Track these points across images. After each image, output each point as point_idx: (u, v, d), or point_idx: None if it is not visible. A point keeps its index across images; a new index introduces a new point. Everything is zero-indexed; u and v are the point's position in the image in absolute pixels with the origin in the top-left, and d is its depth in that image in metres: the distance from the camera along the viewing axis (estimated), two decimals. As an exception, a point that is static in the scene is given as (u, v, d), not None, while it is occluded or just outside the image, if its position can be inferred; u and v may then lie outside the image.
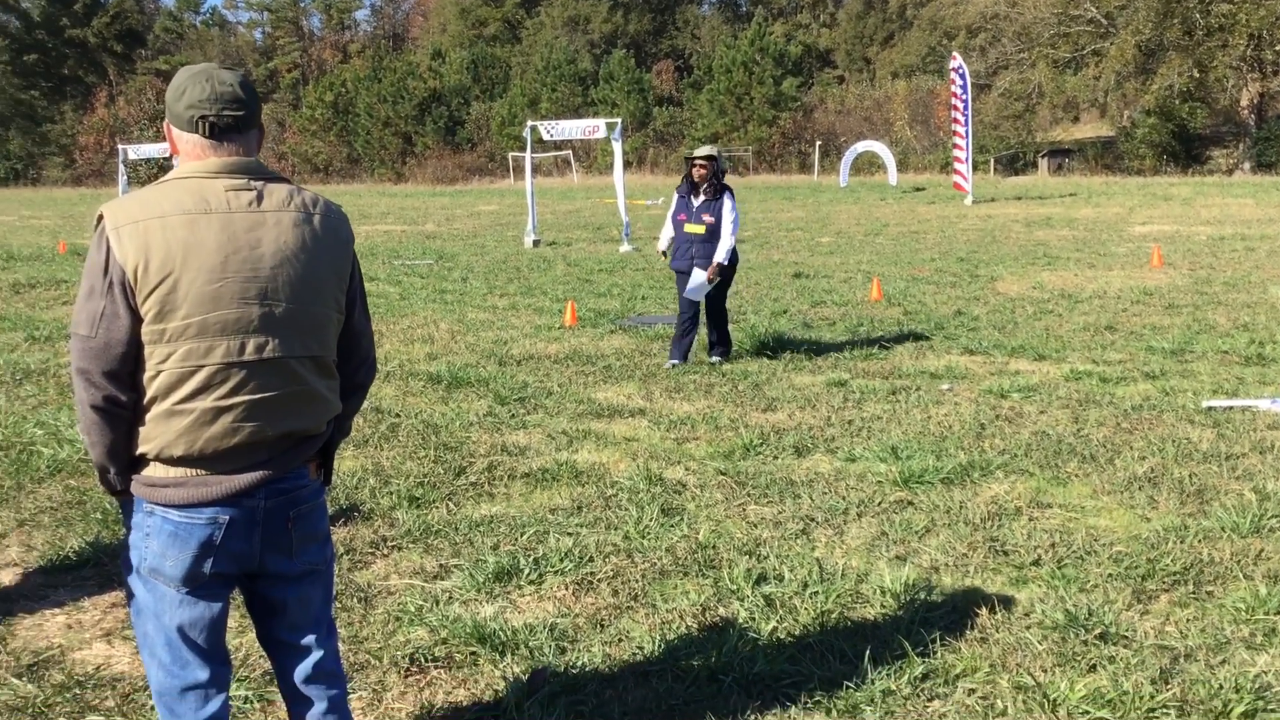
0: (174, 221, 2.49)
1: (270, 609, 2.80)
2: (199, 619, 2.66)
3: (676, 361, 9.42)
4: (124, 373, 2.51)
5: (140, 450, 2.57)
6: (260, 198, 2.60)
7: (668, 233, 9.77)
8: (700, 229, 9.29)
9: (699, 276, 9.25)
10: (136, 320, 2.49)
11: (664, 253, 9.85)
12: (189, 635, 2.66)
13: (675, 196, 9.58)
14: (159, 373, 2.51)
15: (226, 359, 2.53)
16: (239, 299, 2.53)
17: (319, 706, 2.85)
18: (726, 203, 9.28)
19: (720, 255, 9.22)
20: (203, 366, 2.51)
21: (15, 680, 3.92)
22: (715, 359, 9.56)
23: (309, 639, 2.83)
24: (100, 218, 2.51)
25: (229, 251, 2.51)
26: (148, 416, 2.54)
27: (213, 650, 2.71)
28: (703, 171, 9.30)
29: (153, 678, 2.71)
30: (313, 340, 2.66)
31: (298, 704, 2.86)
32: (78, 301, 2.53)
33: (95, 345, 2.48)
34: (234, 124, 2.60)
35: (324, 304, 2.67)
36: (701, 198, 9.33)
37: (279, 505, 2.66)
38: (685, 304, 9.42)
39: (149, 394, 2.53)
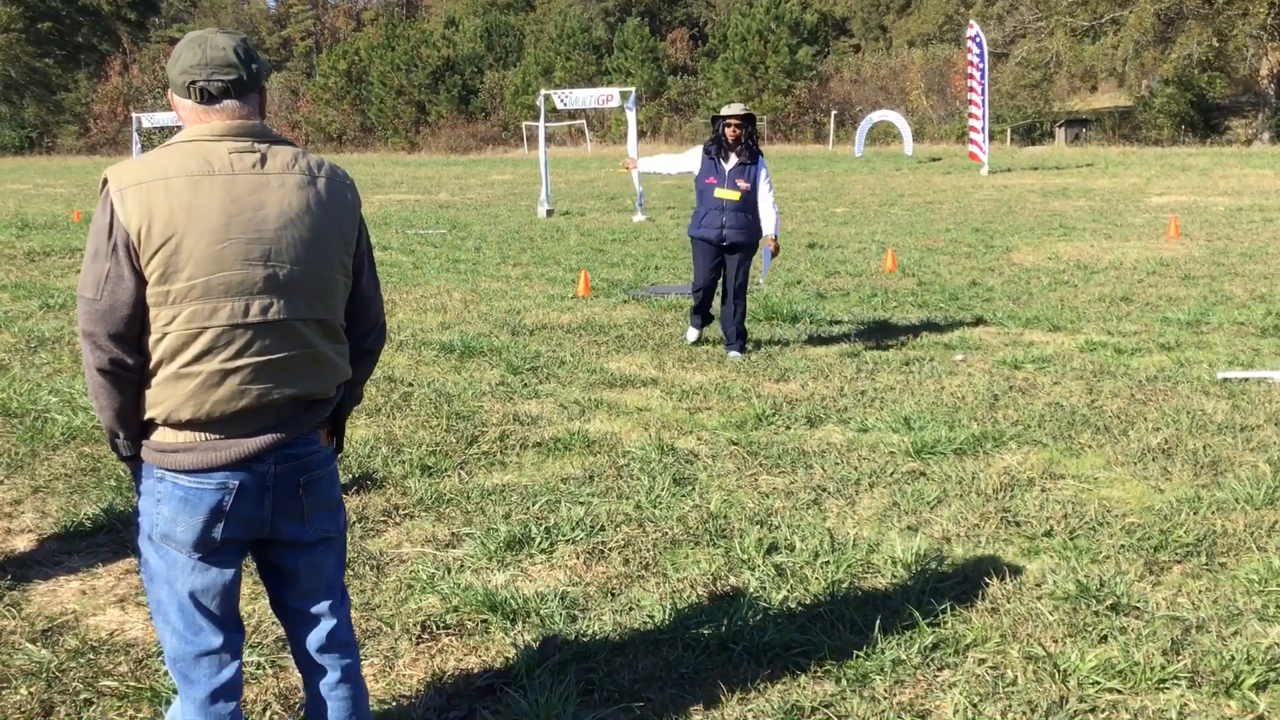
0: (177, 183, 2.49)
1: (282, 577, 2.80)
2: (211, 585, 2.66)
3: (696, 333, 9.03)
4: (130, 335, 2.51)
5: (148, 415, 2.57)
6: (264, 160, 2.59)
7: (659, 163, 9.19)
8: (735, 195, 8.39)
9: (766, 256, 8.80)
10: (141, 282, 2.49)
11: (632, 168, 9.51)
12: (201, 601, 2.66)
13: (701, 157, 8.64)
14: (164, 335, 2.51)
15: (231, 320, 2.52)
16: (243, 260, 2.52)
17: (332, 675, 2.85)
18: (763, 170, 8.51)
19: (771, 227, 8.53)
20: (208, 328, 2.51)
21: (30, 645, 3.95)
22: (735, 354, 8.62)
23: (321, 607, 2.83)
24: (105, 181, 2.51)
25: (232, 213, 2.51)
26: (154, 380, 2.55)
27: (226, 616, 2.71)
28: (737, 132, 8.43)
29: (166, 644, 2.71)
30: (318, 303, 2.65)
31: (313, 672, 2.87)
32: (84, 264, 2.53)
33: (100, 308, 2.48)
34: (227, 88, 2.59)
35: (330, 267, 2.66)
36: (734, 160, 8.45)
37: (289, 471, 2.66)
38: (703, 277, 8.71)
39: (155, 357, 2.53)
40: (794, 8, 65.09)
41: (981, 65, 33.49)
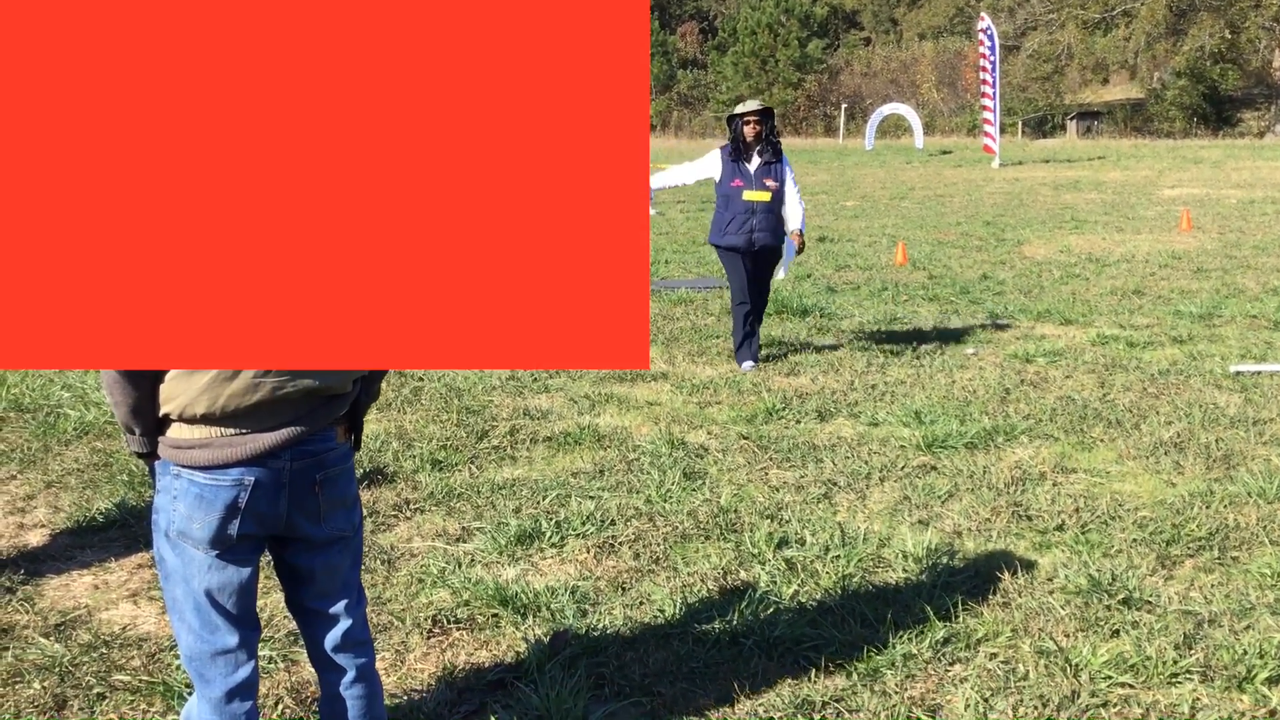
0: None
1: (298, 577, 2.79)
2: (228, 583, 2.65)
3: (751, 363, 8.07)
4: None
5: (163, 410, 2.57)
6: None
7: (673, 176, 8.37)
8: (765, 196, 7.85)
9: (789, 251, 8.17)
10: None
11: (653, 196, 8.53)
12: (218, 600, 2.65)
13: (721, 160, 8.07)
14: None
15: None
16: None
17: (348, 675, 2.85)
18: (788, 167, 8.03)
19: (798, 222, 7.96)
20: None
21: (43, 640, 3.97)
22: (748, 365, 8.09)
23: (338, 607, 2.82)
24: None
25: None
26: (168, 375, 2.54)
27: (242, 615, 2.69)
28: (757, 129, 7.89)
29: (182, 643, 2.70)
30: None
31: (328, 671, 2.86)
32: None
33: None
34: None
35: None
36: (758, 160, 7.92)
37: (306, 467, 2.65)
38: (744, 291, 8.02)
39: None
40: (804, 1, 64.96)
41: (993, 58, 33.42)
